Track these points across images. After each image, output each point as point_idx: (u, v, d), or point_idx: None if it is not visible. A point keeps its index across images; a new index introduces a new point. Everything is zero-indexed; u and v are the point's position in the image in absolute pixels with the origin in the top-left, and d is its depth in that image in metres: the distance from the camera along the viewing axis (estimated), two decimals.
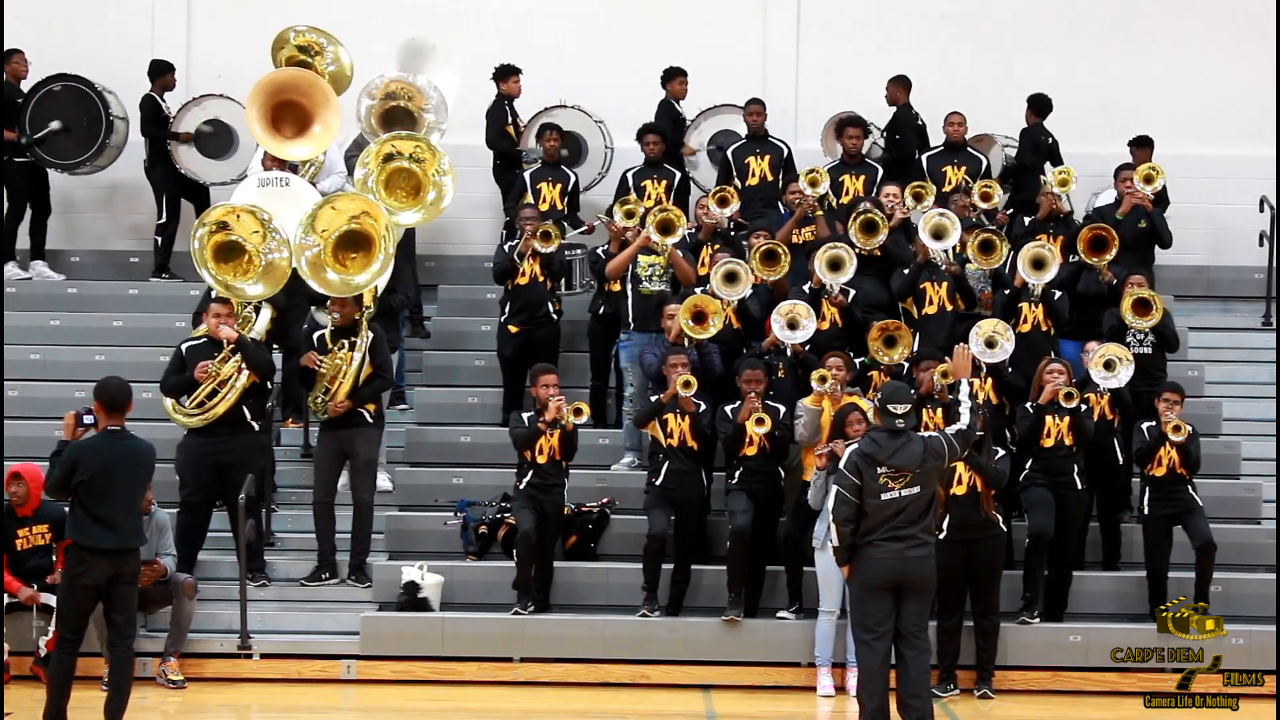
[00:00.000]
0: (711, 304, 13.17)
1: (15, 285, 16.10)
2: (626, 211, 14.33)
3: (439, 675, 12.45)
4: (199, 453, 12.79)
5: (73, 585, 10.33)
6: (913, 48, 17.28)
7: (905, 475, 10.13)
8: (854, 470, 10.18)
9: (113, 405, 10.36)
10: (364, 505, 13.16)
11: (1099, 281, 13.90)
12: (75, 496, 10.23)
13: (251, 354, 12.73)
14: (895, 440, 10.21)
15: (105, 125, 16.39)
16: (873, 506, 10.12)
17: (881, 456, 10.15)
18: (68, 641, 10.44)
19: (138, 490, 10.50)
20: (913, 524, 10.14)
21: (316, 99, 12.98)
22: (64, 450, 10.31)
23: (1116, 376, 12.83)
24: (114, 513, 10.21)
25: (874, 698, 10.25)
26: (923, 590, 10.31)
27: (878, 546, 10.12)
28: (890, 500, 10.12)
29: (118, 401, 10.37)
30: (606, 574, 13.12)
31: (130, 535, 10.37)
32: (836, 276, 13.49)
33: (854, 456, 10.27)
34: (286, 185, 13.11)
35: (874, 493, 10.12)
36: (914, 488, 10.14)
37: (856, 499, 10.14)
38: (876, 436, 10.29)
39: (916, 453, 10.18)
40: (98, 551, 10.20)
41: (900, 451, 10.17)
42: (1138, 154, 16.10)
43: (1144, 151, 16.10)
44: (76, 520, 10.24)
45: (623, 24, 17.58)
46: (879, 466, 10.13)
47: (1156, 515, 12.74)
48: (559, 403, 12.67)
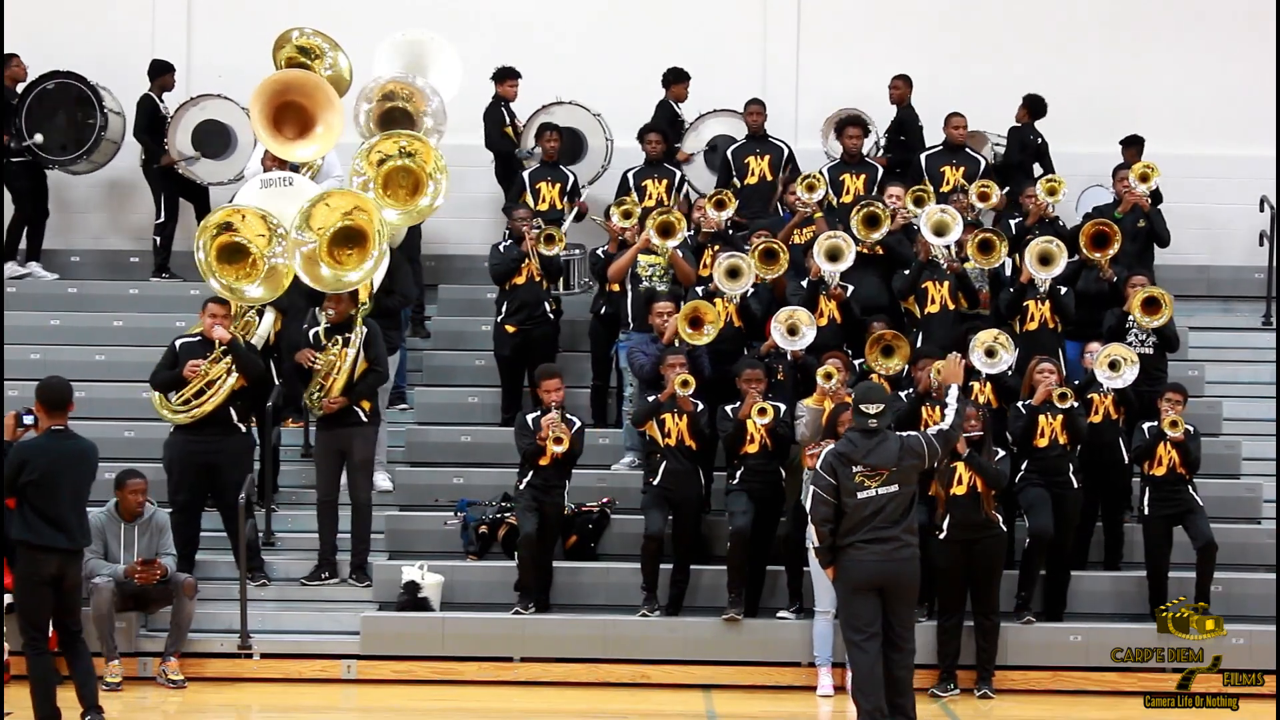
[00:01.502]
0: (709, 311, 13.17)
1: (15, 285, 16.10)
2: (624, 212, 14.33)
3: (439, 675, 12.45)
4: (185, 451, 12.81)
5: (29, 584, 10.33)
6: (912, 48, 17.27)
7: (882, 473, 10.13)
8: (829, 470, 10.20)
9: (54, 405, 10.38)
10: (362, 504, 13.17)
11: (1099, 280, 13.89)
12: (23, 497, 10.22)
13: (242, 357, 12.74)
14: (870, 439, 10.21)
15: (100, 119, 16.38)
16: (850, 506, 10.12)
17: (857, 456, 10.16)
18: (36, 641, 10.44)
19: (84, 490, 10.52)
20: (894, 524, 10.13)
21: (319, 100, 12.96)
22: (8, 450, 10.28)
23: (1121, 376, 12.82)
24: (63, 513, 10.25)
25: (870, 698, 10.25)
26: (908, 593, 10.31)
27: (860, 549, 10.12)
28: (867, 499, 10.12)
29: (59, 401, 10.40)
30: (606, 574, 13.12)
31: (79, 535, 10.44)
32: (835, 266, 13.50)
33: (829, 457, 10.29)
34: (290, 185, 13.10)
35: (850, 492, 10.12)
36: (891, 486, 10.14)
37: (834, 499, 10.15)
38: (851, 436, 10.31)
39: (893, 451, 10.19)
40: (50, 550, 10.23)
41: (876, 450, 10.18)
42: (1128, 153, 16.12)
43: (1133, 151, 16.13)
44: (26, 520, 10.22)
45: (623, 24, 17.58)
46: (854, 465, 10.14)
47: (1157, 515, 12.74)
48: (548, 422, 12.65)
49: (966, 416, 11.51)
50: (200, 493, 12.92)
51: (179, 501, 12.84)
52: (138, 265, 16.98)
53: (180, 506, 12.84)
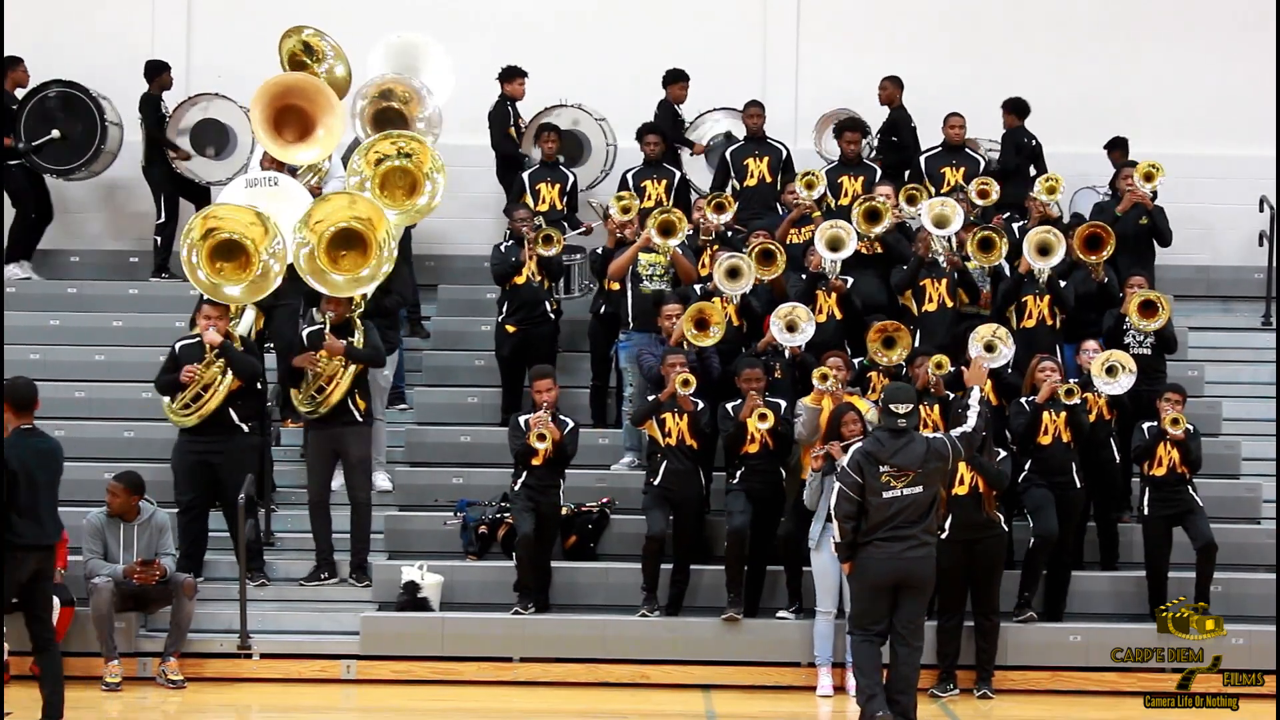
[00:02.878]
0: (715, 312, 13.16)
1: (15, 285, 16.09)
2: (623, 208, 14.32)
3: (439, 675, 12.44)
4: (189, 453, 12.81)
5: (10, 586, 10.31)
6: (912, 49, 17.26)
7: (908, 474, 10.29)
8: (856, 469, 10.37)
9: (22, 405, 10.40)
10: (361, 504, 13.17)
11: (1091, 279, 13.85)
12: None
13: (234, 358, 12.72)
14: (898, 440, 10.35)
15: (100, 132, 16.36)
16: (875, 505, 10.30)
17: (884, 455, 10.30)
18: None
19: (55, 487, 10.53)
20: (914, 524, 10.32)
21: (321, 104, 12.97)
22: None
23: (1118, 383, 12.80)
24: (37, 509, 10.26)
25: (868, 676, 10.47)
26: (921, 590, 10.53)
27: (879, 546, 10.31)
28: (892, 499, 10.29)
29: (26, 400, 10.42)
30: (606, 574, 13.12)
31: (53, 530, 10.46)
32: (836, 256, 13.49)
33: (857, 455, 10.43)
34: (275, 185, 13.09)
35: (876, 491, 10.28)
36: (916, 487, 10.29)
37: (859, 497, 10.32)
38: (880, 435, 10.45)
39: (919, 452, 10.32)
40: (29, 548, 10.22)
41: (903, 451, 10.32)
42: (1114, 155, 16.14)
43: (1119, 153, 16.14)
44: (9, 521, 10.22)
45: (623, 24, 17.57)
46: (881, 465, 10.29)
47: (1157, 516, 12.73)
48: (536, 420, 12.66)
49: None
50: (205, 494, 12.89)
51: (184, 503, 12.84)
52: (138, 265, 16.97)
53: (186, 508, 12.83)
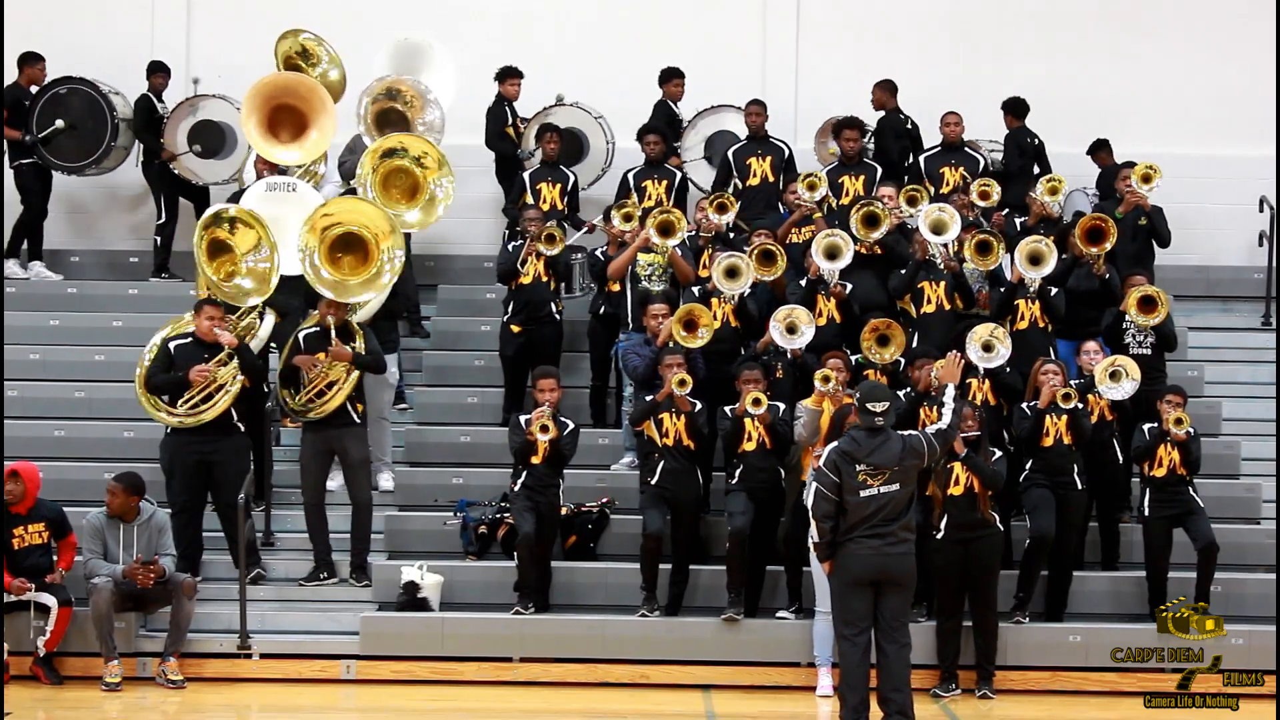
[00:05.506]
0: (704, 314, 13.16)
1: (15, 285, 16.09)
2: (624, 215, 14.32)
3: (439, 675, 12.44)
4: (183, 452, 12.81)
5: None
6: (912, 49, 17.28)
7: (884, 473, 10.35)
8: (833, 468, 10.40)
9: None
10: (362, 504, 13.17)
11: (1091, 276, 13.84)
12: None
13: (251, 360, 12.74)
14: (874, 438, 10.39)
15: (111, 128, 16.37)
16: (853, 504, 10.36)
17: (860, 454, 10.35)
18: None
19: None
20: (892, 521, 10.38)
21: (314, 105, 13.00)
22: None
23: (1120, 388, 12.79)
24: None
25: (855, 692, 10.50)
26: (902, 585, 10.56)
27: (858, 543, 10.38)
28: (870, 497, 10.34)
29: None
30: (606, 574, 13.12)
31: None
32: (833, 264, 13.50)
33: (833, 454, 10.45)
34: (294, 191, 13.14)
35: (853, 490, 10.35)
36: (893, 485, 10.36)
37: (836, 496, 10.37)
38: (856, 435, 10.49)
39: (895, 451, 10.38)
40: None
41: (879, 449, 10.37)
42: (1099, 157, 16.13)
43: (1103, 154, 16.14)
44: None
45: (623, 24, 17.58)
46: (858, 464, 10.36)
47: (1157, 516, 12.72)
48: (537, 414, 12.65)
49: (964, 417, 11.62)
50: (200, 493, 12.91)
51: (179, 503, 12.83)
52: (138, 265, 16.98)
53: (180, 508, 12.82)
